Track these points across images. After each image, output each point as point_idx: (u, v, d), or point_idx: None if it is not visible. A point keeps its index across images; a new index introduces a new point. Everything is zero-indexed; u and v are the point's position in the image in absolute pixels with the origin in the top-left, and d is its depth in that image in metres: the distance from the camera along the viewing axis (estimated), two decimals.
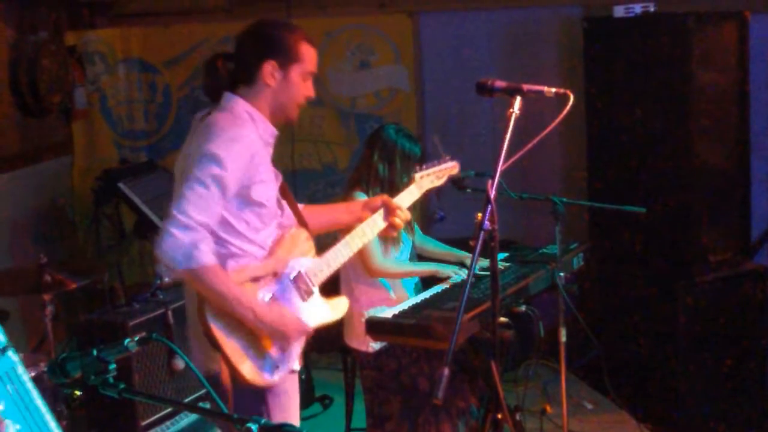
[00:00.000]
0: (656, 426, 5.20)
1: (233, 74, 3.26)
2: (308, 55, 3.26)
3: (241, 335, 3.11)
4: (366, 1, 6.56)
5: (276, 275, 3.22)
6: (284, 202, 3.37)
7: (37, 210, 6.31)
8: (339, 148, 6.72)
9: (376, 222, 3.54)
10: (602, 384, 5.09)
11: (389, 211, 3.55)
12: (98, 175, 6.14)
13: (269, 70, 3.20)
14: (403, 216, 3.57)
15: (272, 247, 3.25)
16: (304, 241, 3.36)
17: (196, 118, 3.28)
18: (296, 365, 3.33)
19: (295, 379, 3.39)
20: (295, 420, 3.40)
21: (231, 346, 3.08)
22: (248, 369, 3.10)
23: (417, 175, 3.88)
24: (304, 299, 3.26)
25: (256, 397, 3.20)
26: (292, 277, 3.26)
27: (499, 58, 6.41)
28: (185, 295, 3.34)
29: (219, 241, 3.13)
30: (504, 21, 6.43)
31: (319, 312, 3.36)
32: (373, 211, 3.58)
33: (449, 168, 4.04)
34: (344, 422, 4.74)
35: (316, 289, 3.32)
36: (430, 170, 3.92)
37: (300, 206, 3.51)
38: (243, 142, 3.10)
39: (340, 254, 3.42)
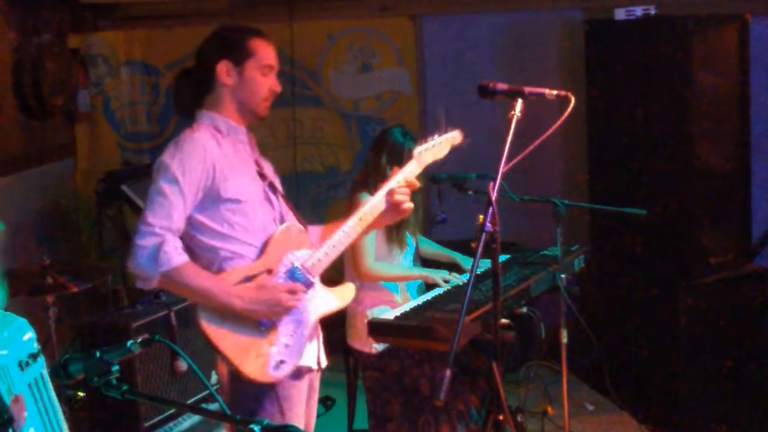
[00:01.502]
0: (657, 427, 5.20)
1: (197, 86, 3.32)
2: (261, 49, 3.29)
3: (241, 335, 3.10)
4: (368, 4, 6.57)
5: (270, 272, 3.20)
6: (274, 199, 3.35)
7: (40, 212, 6.33)
8: (341, 150, 6.73)
9: (376, 205, 3.42)
10: (603, 385, 5.09)
11: (389, 192, 3.43)
12: (101, 177, 6.14)
13: (224, 69, 3.25)
14: (402, 190, 3.44)
15: (265, 244, 3.25)
16: (297, 234, 3.34)
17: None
18: (310, 362, 3.30)
19: (313, 380, 3.38)
20: (301, 420, 3.35)
21: (229, 346, 3.08)
22: (252, 367, 3.09)
23: (416, 150, 3.65)
24: (304, 291, 3.26)
25: (270, 398, 3.20)
26: (287, 270, 3.24)
27: (501, 61, 6.42)
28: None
29: (210, 248, 3.17)
30: (505, 24, 6.44)
31: (324, 301, 3.34)
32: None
33: (450, 139, 3.84)
34: (346, 423, 4.75)
35: (316, 280, 3.29)
36: (430, 143, 3.70)
37: (318, 228, 3.50)
38: (192, 145, 3.16)
39: (339, 242, 3.34)
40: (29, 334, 2.40)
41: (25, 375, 2.31)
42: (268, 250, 3.24)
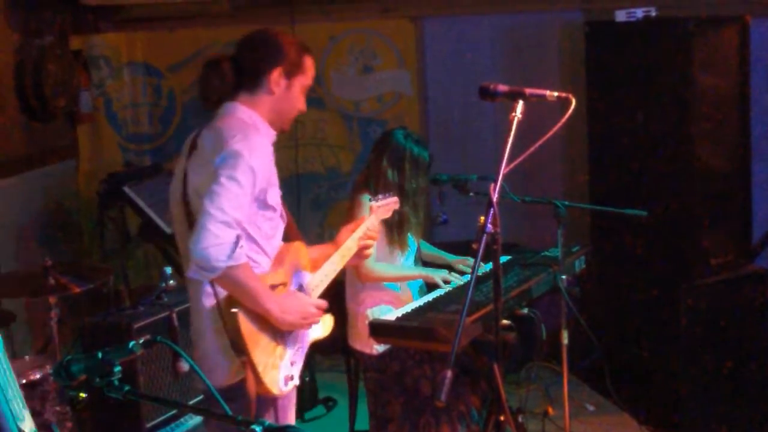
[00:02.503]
0: (657, 428, 5.21)
1: (237, 79, 3.24)
2: (310, 69, 3.32)
3: (264, 342, 3.10)
4: (369, 6, 6.58)
5: (285, 285, 3.23)
6: (284, 212, 3.38)
7: (42, 213, 6.33)
8: (342, 151, 6.74)
9: (351, 247, 3.51)
10: (604, 386, 5.10)
11: (361, 239, 3.52)
12: (103, 179, 6.15)
13: (276, 77, 3.22)
14: (371, 237, 3.55)
15: (278, 257, 3.25)
16: (304, 254, 3.38)
17: (188, 138, 3.29)
18: (298, 379, 3.34)
19: (295, 391, 3.39)
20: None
21: (257, 353, 3.06)
22: (269, 378, 3.09)
23: (374, 204, 3.75)
24: (320, 316, 3.28)
25: (269, 409, 3.21)
26: (297, 288, 3.28)
27: (502, 63, 6.43)
28: (193, 311, 3.28)
29: None
30: (506, 25, 6.45)
31: (315, 327, 3.39)
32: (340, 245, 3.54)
33: (392, 202, 3.86)
34: (347, 424, 4.76)
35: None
36: (381, 202, 3.78)
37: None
38: (261, 143, 3.12)
39: (330, 271, 3.44)
40: None
41: None
42: (283, 263, 3.25)
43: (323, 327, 3.47)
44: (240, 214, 2.96)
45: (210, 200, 2.94)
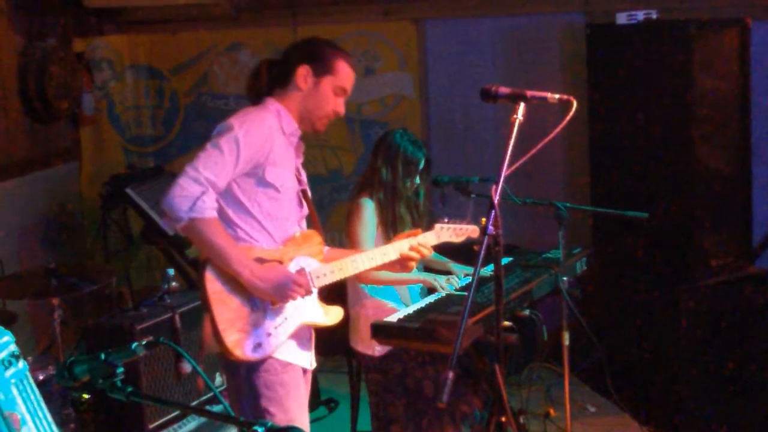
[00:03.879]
0: (658, 429, 5.22)
1: (273, 78, 3.44)
2: (343, 71, 3.45)
3: (233, 304, 3.20)
4: (371, 8, 6.59)
5: (281, 263, 3.30)
6: (305, 204, 3.51)
7: (45, 215, 6.35)
8: (344, 153, 6.75)
9: (388, 252, 3.56)
10: (605, 387, 5.11)
11: (405, 252, 3.56)
12: (106, 181, 6.17)
13: (303, 73, 3.38)
14: (423, 253, 3.58)
15: (286, 240, 3.37)
16: (316, 243, 3.46)
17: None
18: (298, 358, 3.39)
19: (299, 376, 3.44)
20: (296, 415, 3.42)
21: (221, 310, 3.17)
22: (232, 338, 3.18)
23: (438, 226, 3.82)
24: (301, 295, 3.31)
25: (249, 385, 3.28)
26: (296, 270, 3.32)
27: (503, 65, 6.44)
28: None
29: (231, 223, 3.28)
30: (508, 28, 6.46)
31: (312, 312, 3.43)
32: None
33: (469, 230, 3.93)
34: (349, 425, 4.77)
35: (315, 291, 3.41)
36: (452, 225, 3.88)
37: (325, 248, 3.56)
38: (260, 121, 3.29)
39: (346, 268, 3.47)
40: (7, 338, 2.43)
41: (11, 375, 2.34)
42: (286, 245, 3.36)
43: (327, 316, 3.48)
44: (212, 175, 3.13)
45: (190, 162, 3.16)
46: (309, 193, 3.59)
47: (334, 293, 3.66)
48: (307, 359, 3.49)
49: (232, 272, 3.17)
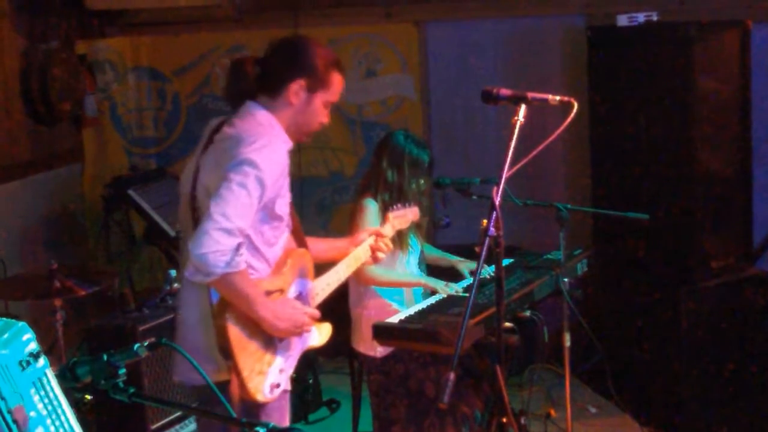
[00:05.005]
0: (659, 429, 5.22)
1: (259, 81, 3.23)
2: (336, 85, 3.29)
3: (253, 349, 3.12)
4: (372, 10, 6.59)
5: (282, 292, 3.24)
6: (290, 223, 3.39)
7: (47, 216, 6.36)
8: (346, 155, 6.76)
9: (360, 257, 3.57)
10: (606, 388, 5.12)
11: (372, 248, 3.59)
12: (108, 182, 6.19)
13: (296, 89, 3.20)
14: (385, 246, 3.61)
15: (279, 264, 3.25)
16: (308, 262, 3.39)
17: (210, 125, 3.28)
18: (289, 385, 3.36)
19: (287, 397, 3.39)
20: None
21: (243, 356, 3.07)
22: (254, 383, 3.10)
23: (390, 215, 3.90)
24: (313, 324, 3.31)
25: (253, 413, 3.20)
26: (296, 295, 3.30)
27: (504, 67, 6.45)
28: (182, 306, 3.29)
29: None
30: (509, 30, 6.47)
31: (310, 336, 3.42)
32: (358, 244, 3.63)
33: (410, 212, 4.01)
34: (351, 426, 4.78)
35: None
36: (398, 212, 3.93)
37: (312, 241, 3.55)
38: (277, 151, 3.10)
39: (333, 281, 3.48)
40: (28, 335, 2.43)
41: (27, 374, 2.34)
42: (283, 270, 3.25)
43: (320, 335, 3.48)
44: (243, 223, 2.96)
45: (216, 205, 2.94)
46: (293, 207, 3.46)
47: (335, 293, 3.68)
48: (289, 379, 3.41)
49: (256, 317, 3.06)
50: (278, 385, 3.20)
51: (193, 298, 3.19)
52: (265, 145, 3.06)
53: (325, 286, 3.45)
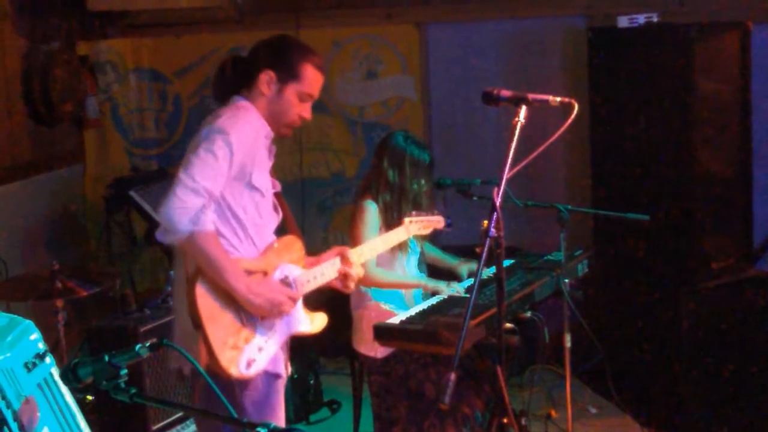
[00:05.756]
0: (659, 430, 5.23)
1: (239, 77, 3.35)
2: (310, 77, 3.35)
3: (226, 322, 3.13)
4: (373, 11, 6.60)
5: (266, 274, 3.27)
6: (279, 210, 3.44)
7: (49, 217, 6.37)
8: (347, 156, 6.77)
9: (326, 272, 3.52)
10: (606, 389, 5.12)
11: (343, 261, 3.57)
12: (109, 183, 6.20)
13: (265, 79, 3.30)
14: (352, 273, 3.56)
15: (265, 249, 3.31)
16: (298, 249, 3.43)
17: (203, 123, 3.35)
18: (278, 367, 3.36)
19: (279, 385, 3.40)
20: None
21: (214, 327, 3.09)
22: (226, 357, 3.11)
23: (407, 220, 4.00)
24: (292, 307, 3.32)
25: (233, 403, 3.19)
26: (280, 279, 3.31)
27: (505, 68, 6.46)
28: (174, 292, 3.37)
29: (217, 233, 3.17)
30: (510, 31, 6.48)
31: (299, 321, 3.43)
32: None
33: (435, 221, 4.14)
34: (352, 426, 4.78)
35: (300, 299, 3.39)
36: (420, 218, 4.04)
37: None
38: (248, 121, 3.22)
39: (328, 272, 3.49)
40: (35, 335, 2.43)
41: (33, 376, 2.35)
42: (268, 254, 3.31)
43: (312, 323, 3.49)
44: (210, 184, 3.06)
45: (184, 168, 3.08)
46: (281, 196, 3.55)
47: (336, 294, 3.69)
48: (282, 366, 3.42)
49: (227, 287, 3.10)
50: (254, 361, 3.19)
51: (181, 285, 3.24)
52: (237, 116, 3.21)
53: (318, 275, 3.46)
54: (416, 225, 4.03)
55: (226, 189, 3.17)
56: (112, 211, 6.15)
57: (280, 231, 3.50)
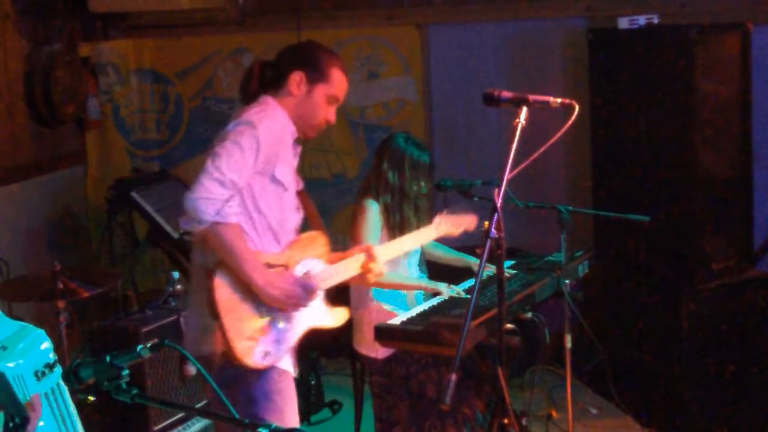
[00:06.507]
0: (660, 431, 5.24)
1: (268, 79, 3.41)
2: (337, 80, 3.43)
3: (244, 312, 3.16)
4: (375, 13, 6.61)
5: (287, 268, 3.29)
6: (301, 208, 3.48)
7: (51, 218, 6.38)
8: (348, 157, 6.78)
9: (348, 268, 3.56)
10: (607, 389, 5.14)
11: (369, 257, 3.61)
12: (111, 184, 6.20)
13: (296, 79, 3.36)
14: (376, 270, 3.61)
15: (289, 243, 3.36)
16: (322, 245, 3.47)
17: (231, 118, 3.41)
18: (288, 365, 3.38)
19: (291, 382, 3.42)
20: (292, 424, 3.42)
21: (231, 318, 3.12)
22: (242, 347, 3.14)
23: (436, 219, 4.03)
24: (310, 302, 3.33)
25: (246, 394, 3.24)
26: (300, 274, 3.33)
27: (506, 69, 6.47)
28: (192, 268, 3.37)
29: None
30: (510, 32, 6.48)
31: (318, 315, 3.45)
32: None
33: (467, 221, 4.18)
34: (353, 427, 4.79)
35: (320, 293, 3.41)
36: (450, 218, 4.07)
37: None
38: (275, 117, 3.27)
39: (350, 267, 3.52)
40: (46, 344, 2.43)
41: (42, 384, 2.35)
42: (291, 248, 3.35)
43: (333, 317, 3.51)
44: (236, 176, 3.10)
45: (211, 159, 3.11)
46: (305, 194, 3.61)
47: (338, 295, 3.70)
48: (291, 364, 3.45)
49: (246, 278, 3.13)
50: (269, 353, 3.23)
51: (198, 274, 3.26)
52: (265, 111, 3.26)
53: (339, 271, 3.49)
54: (446, 225, 4.03)
55: (251, 181, 3.21)
56: (113, 212, 6.15)
57: (304, 228, 3.52)
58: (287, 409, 3.36)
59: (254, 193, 3.24)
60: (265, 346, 3.22)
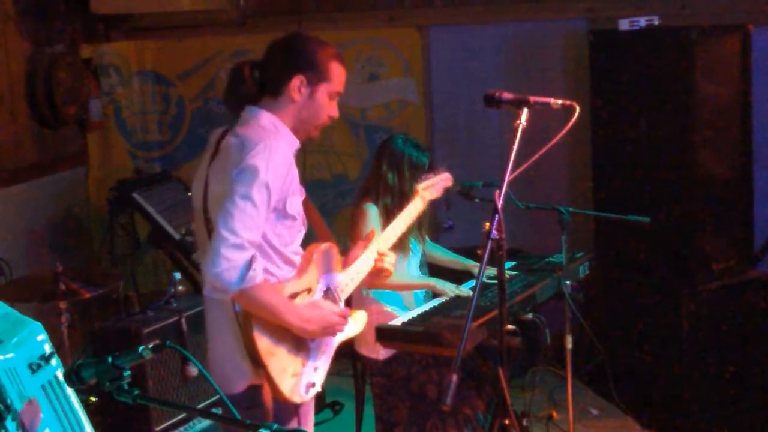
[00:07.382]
0: (660, 431, 5.25)
1: (259, 84, 3.20)
2: (338, 75, 3.22)
3: (283, 353, 3.10)
4: (375, 15, 6.62)
5: (310, 291, 3.22)
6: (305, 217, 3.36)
7: (52, 219, 6.38)
8: (349, 159, 6.78)
9: (361, 269, 3.49)
10: (607, 390, 5.14)
11: (379, 256, 3.54)
12: (113, 186, 6.20)
13: (297, 84, 3.15)
14: (387, 260, 3.54)
15: (303, 263, 3.22)
16: (335, 255, 3.36)
17: (214, 134, 3.24)
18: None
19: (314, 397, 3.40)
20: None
21: (273, 362, 3.05)
22: (287, 386, 3.09)
23: (420, 187, 3.96)
24: (345, 324, 3.29)
25: (291, 416, 3.23)
26: (322, 292, 3.28)
27: (507, 71, 6.47)
28: (208, 315, 3.26)
29: None
30: (511, 34, 6.49)
31: (345, 327, 3.40)
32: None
33: (444, 180, 4.11)
34: (354, 428, 4.80)
35: (342, 304, 3.36)
36: (430, 182, 4.00)
37: None
38: (280, 152, 3.04)
39: (362, 268, 3.47)
40: (42, 336, 2.43)
41: (37, 377, 2.35)
42: (308, 269, 3.22)
43: (356, 324, 3.46)
44: (252, 235, 2.94)
45: (223, 221, 2.92)
46: (309, 200, 3.46)
47: None
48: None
49: (283, 324, 3.05)
50: (314, 384, 3.20)
51: (218, 309, 3.17)
52: (267, 147, 3.01)
53: (354, 275, 3.42)
54: (429, 191, 3.97)
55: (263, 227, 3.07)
56: (115, 213, 6.14)
57: (309, 233, 3.46)
58: (308, 423, 3.38)
59: (267, 235, 3.07)
60: (307, 378, 3.17)
